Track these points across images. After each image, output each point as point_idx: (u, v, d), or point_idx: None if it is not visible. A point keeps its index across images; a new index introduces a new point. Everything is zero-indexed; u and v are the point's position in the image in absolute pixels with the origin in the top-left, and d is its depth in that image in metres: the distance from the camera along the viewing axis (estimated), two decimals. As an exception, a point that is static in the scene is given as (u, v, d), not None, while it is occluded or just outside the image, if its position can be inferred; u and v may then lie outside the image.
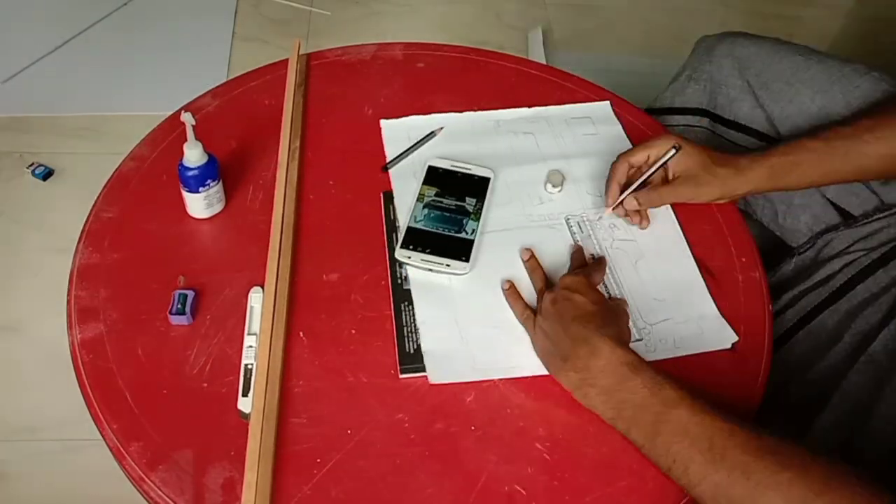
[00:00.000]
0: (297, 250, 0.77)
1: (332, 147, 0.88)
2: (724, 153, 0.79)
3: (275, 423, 0.63)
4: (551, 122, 0.93)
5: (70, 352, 0.68)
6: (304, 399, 0.66)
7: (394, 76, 0.98)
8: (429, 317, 0.72)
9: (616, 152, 0.86)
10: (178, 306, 0.70)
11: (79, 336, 0.69)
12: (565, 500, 0.62)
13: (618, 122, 0.93)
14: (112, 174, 0.83)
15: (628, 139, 0.91)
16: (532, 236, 0.80)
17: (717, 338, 0.73)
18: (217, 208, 0.79)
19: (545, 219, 0.82)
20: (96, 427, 0.64)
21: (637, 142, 0.90)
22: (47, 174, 1.55)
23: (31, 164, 1.55)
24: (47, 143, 1.62)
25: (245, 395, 0.65)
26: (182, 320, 0.70)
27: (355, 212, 0.81)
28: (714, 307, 0.75)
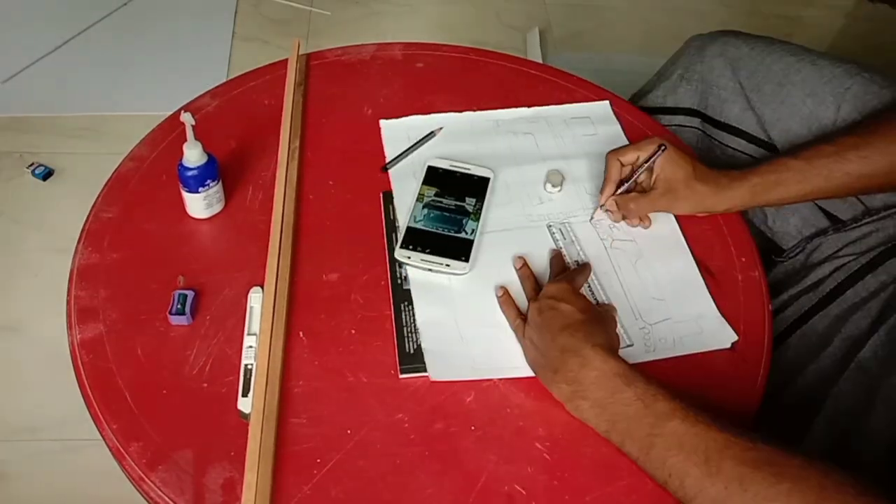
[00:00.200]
0: (296, 250, 0.77)
1: (332, 147, 0.88)
2: (708, 168, 0.78)
3: (275, 423, 0.63)
4: (551, 122, 0.93)
5: (70, 352, 0.68)
6: (304, 399, 0.66)
7: (393, 76, 0.98)
8: (429, 317, 0.72)
9: None
10: (178, 306, 0.70)
11: (78, 336, 0.69)
12: (565, 499, 0.62)
13: (617, 122, 0.93)
14: (112, 174, 0.83)
15: (627, 139, 0.91)
16: (532, 236, 0.80)
17: (716, 337, 0.73)
18: (217, 208, 0.79)
19: (545, 219, 0.82)
20: (96, 427, 0.64)
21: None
22: (47, 174, 1.55)
23: (31, 164, 1.55)
24: (47, 143, 1.62)
25: (245, 395, 0.65)
26: (182, 320, 0.70)
27: (355, 212, 0.81)
28: (714, 307, 0.75)
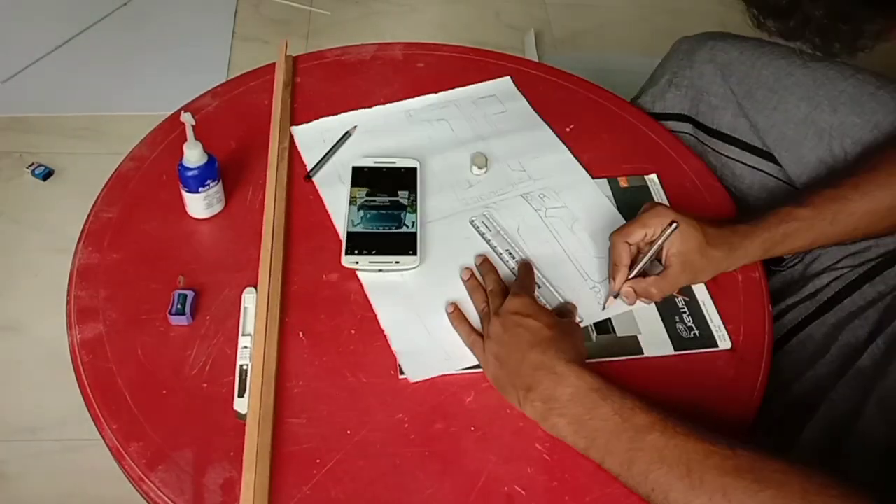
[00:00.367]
0: (296, 250, 0.77)
1: (331, 147, 0.88)
2: (716, 228, 0.75)
3: (271, 422, 0.63)
4: (460, 104, 0.95)
5: (70, 352, 0.68)
6: (304, 399, 0.66)
7: (394, 76, 0.98)
8: (392, 318, 0.72)
9: (527, 128, 0.89)
10: (178, 306, 0.70)
11: (78, 336, 0.69)
12: (565, 500, 0.62)
13: (522, 96, 0.96)
14: (112, 174, 0.83)
15: (535, 111, 0.94)
16: (468, 219, 0.81)
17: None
18: (217, 208, 0.79)
19: (478, 200, 0.84)
20: (96, 427, 0.64)
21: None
22: (47, 174, 1.55)
23: (31, 164, 1.55)
24: (47, 143, 1.62)
25: (241, 395, 0.65)
26: (182, 320, 0.70)
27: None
28: (713, 307, 0.76)
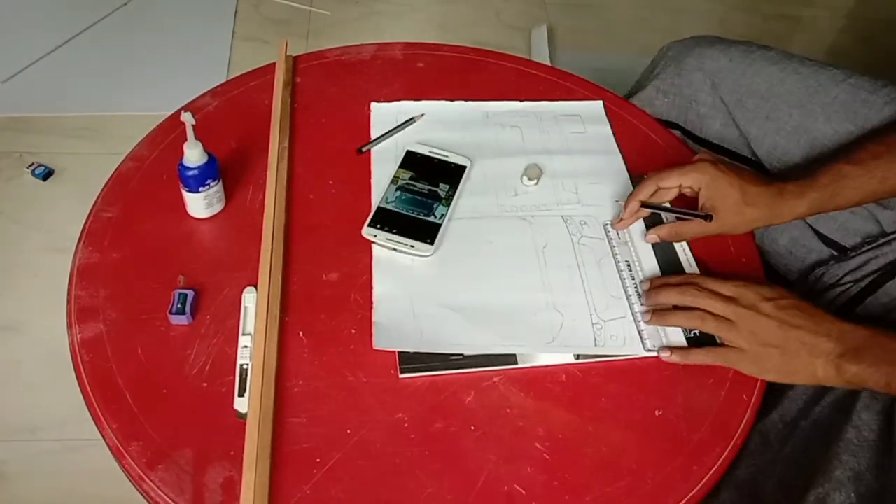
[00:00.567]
0: (296, 250, 0.77)
1: (332, 147, 0.88)
2: (760, 184, 0.75)
3: (271, 422, 0.63)
4: (541, 117, 0.94)
5: (70, 351, 0.68)
6: (304, 399, 0.66)
7: (394, 76, 0.98)
8: (385, 291, 0.73)
9: (602, 151, 0.86)
10: (178, 306, 0.70)
11: (79, 336, 0.69)
12: (565, 499, 0.62)
13: (608, 122, 0.93)
14: (112, 174, 0.83)
15: (616, 141, 0.91)
16: (501, 226, 0.81)
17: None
18: (217, 208, 0.79)
19: (517, 210, 0.83)
20: (96, 427, 0.64)
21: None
22: (47, 174, 1.55)
23: (31, 164, 1.55)
24: (47, 143, 1.62)
25: (241, 395, 0.65)
26: (182, 320, 0.70)
27: (356, 211, 0.81)
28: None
